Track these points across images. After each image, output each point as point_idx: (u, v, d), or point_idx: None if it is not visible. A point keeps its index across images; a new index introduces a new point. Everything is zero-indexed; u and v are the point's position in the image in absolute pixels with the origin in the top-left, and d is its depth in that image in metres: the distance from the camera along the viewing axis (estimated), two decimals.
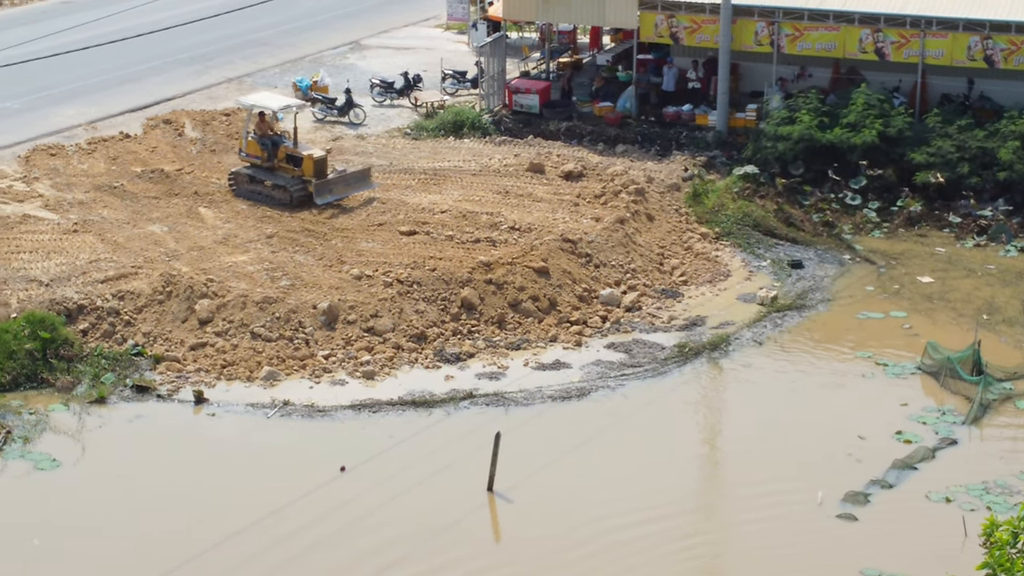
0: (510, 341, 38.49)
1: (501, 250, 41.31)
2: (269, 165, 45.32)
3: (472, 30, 60.58)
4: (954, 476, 32.37)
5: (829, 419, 34.97)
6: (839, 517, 30.98)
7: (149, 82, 55.37)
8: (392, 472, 32.46)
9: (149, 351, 37.23)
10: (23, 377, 36.00)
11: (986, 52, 47.56)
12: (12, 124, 50.61)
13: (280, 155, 45.28)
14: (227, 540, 30.03)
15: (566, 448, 33.64)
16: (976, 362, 36.32)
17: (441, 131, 51.44)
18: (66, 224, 42.84)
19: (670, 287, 41.72)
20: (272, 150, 45.32)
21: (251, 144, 45.63)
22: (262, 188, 45.20)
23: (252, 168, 45.57)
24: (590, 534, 30.44)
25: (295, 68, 57.73)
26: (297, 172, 44.87)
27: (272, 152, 45.33)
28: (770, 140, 47.28)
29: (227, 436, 34.32)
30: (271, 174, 45.22)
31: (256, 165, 45.51)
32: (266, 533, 30.27)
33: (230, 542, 29.99)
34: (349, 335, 37.98)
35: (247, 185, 45.41)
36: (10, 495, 31.85)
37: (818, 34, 49.30)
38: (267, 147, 45.32)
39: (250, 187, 45.34)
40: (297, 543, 30.01)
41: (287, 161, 45.23)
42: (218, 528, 30.37)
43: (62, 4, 67.36)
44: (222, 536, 30.12)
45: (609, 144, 50.44)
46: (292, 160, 45.18)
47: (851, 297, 41.36)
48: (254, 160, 45.57)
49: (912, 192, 46.10)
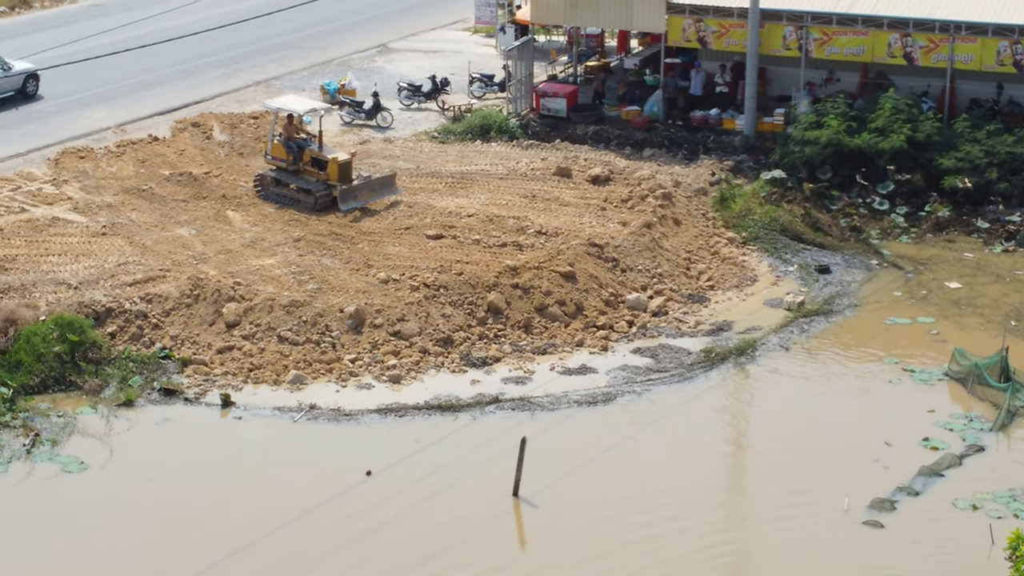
0: (536, 345, 38.52)
1: (528, 254, 41.35)
2: (294, 168, 45.41)
3: (500, 33, 60.68)
4: (981, 483, 32.27)
5: (856, 425, 34.90)
6: (865, 524, 30.91)
7: (177, 85, 55.58)
8: (418, 477, 32.52)
9: (176, 354, 37.39)
10: (52, 380, 36.20)
11: (1015, 57, 47.38)
12: (42, 127, 50.90)
13: (305, 158, 45.38)
14: (253, 544, 30.13)
15: (592, 453, 33.64)
16: (1004, 368, 36.20)
17: (468, 135, 51.52)
18: (95, 227, 43.04)
19: (697, 292, 41.68)
20: (297, 153, 45.43)
21: (276, 147, 45.75)
22: (287, 191, 45.34)
23: (277, 171, 45.71)
24: (615, 539, 30.45)
25: (323, 71, 57.89)
26: (322, 176, 44.96)
27: (297, 155, 45.43)
28: (798, 144, 47.20)
29: (254, 440, 34.44)
30: (296, 177, 45.33)
31: (281, 168, 45.64)
32: (292, 537, 30.36)
33: (256, 545, 30.09)
34: (376, 339, 38.07)
35: (272, 188, 45.54)
36: (39, 497, 32.00)
37: (846, 38, 49.18)
38: (292, 150, 45.43)
39: (275, 190, 45.47)
40: (322, 547, 30.10)
41: (312, 164, 45.33)
42: (244, 532, 30.47)
43: (92, 7, 67.68)
44: (249, 540, 30.22)
45: (636, 148, 50.43)
46: (317, 163, 45.25)
47: (878, 302, 41.26)
48: (279, 163, 45.68)
49: (940, 197, 45.97)
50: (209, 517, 31.19)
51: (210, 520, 31.08)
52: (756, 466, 33.94)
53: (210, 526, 30.87)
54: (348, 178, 45.00)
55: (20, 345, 36.43)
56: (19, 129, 50.62)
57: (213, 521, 31.04)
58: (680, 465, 33.30)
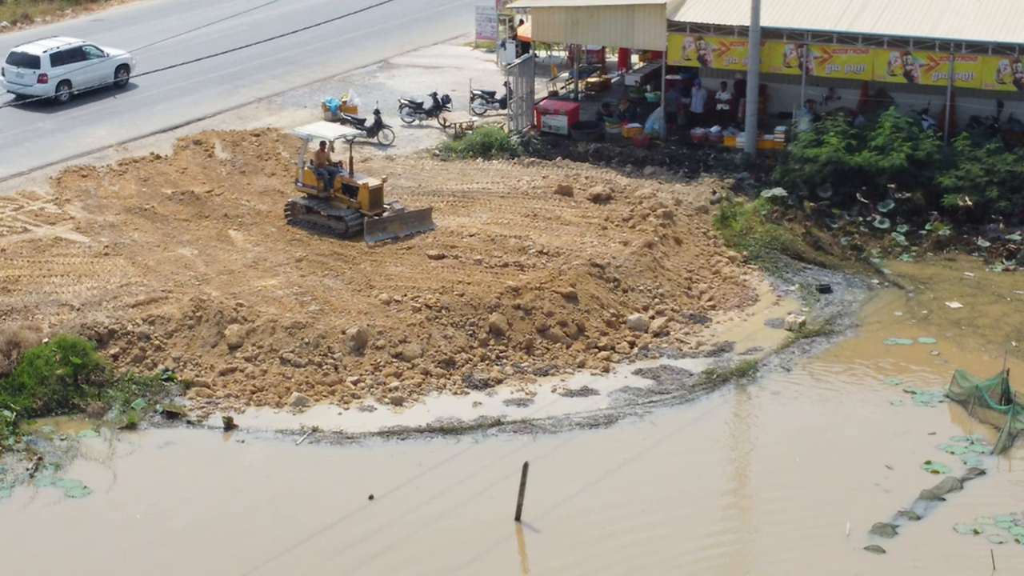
0: (538, 367, 38.60)
1: (529, 275, 41.43)
2: (325, 195, 44.83)
3: (501, 49, 60.75)
4: (982, 508, 32.32)
5: (857, 448, 34.97)
6: (867, 549, 30.96)
7: (179, 102, 55.66)
8: (420, 501, 32.59)
9: (179, 376, 37.46)
10: (54, 403, 36.28)
11: (1015, 75, 47.48)
12: (44, 145, 50.99)
13: (336, 185, 44.80)
14: (256, 569, 30.20)
15: (594, 476, 33.71)
16: (1005, 391, 36.25)
17: (470, 152, 51.59)
18: (97, 247, 43.13)
19: (698, 312, 41.76)
20: (328, 180, 44.83)
21: (307, 174, 45.07)
22: (318, 218, 44.77)
23: (308, 198, 45.10)
24: (617, 563, 30.50)
25: (324, 87, 57.94)
26: (354, 204, 44.38)
27: (328, 182, 44.84)
28: (798, 162, 47.29)
29: (256, 463, 34.51)
30: (327, 204, 44.76)
31: (312, 195, 45.08)
32: (296, 563, 30.43)
33: (259, 572, 30.15)
34: (378, 360, 38.15)
35: (303, 215, 45.00)
36: (42, 523, 32.06)
37: (847, 56, 49.30)
38: (324, 177, 44.86)
39: (306, 217, 44.92)
40: (324, 571, 30.15)
41: (343, 191, 44.78)
42: (247, 558, 30.55)
43: (93, 21, 67.77)
44: (252, 566, 30.29)
45: (637, 165, 50.51)
46: (348, 190, 44.72)
47: (879, 322, 41.32)
48: (310, 190, 45.06)
49: (940, 216, 46.05)
50: (212, 543, 31.24)
51: (213, 546, 31.13)
52: (757, 489, 34.00)
53: (213, 552, 30.92)
54: (380, 204, 44.38)
55: (23, 368, 36.55)
56: (21, 147, 50.70)
57: (216, 547, 31.09)
58: (682, 488, 33.35)
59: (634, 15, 51.21)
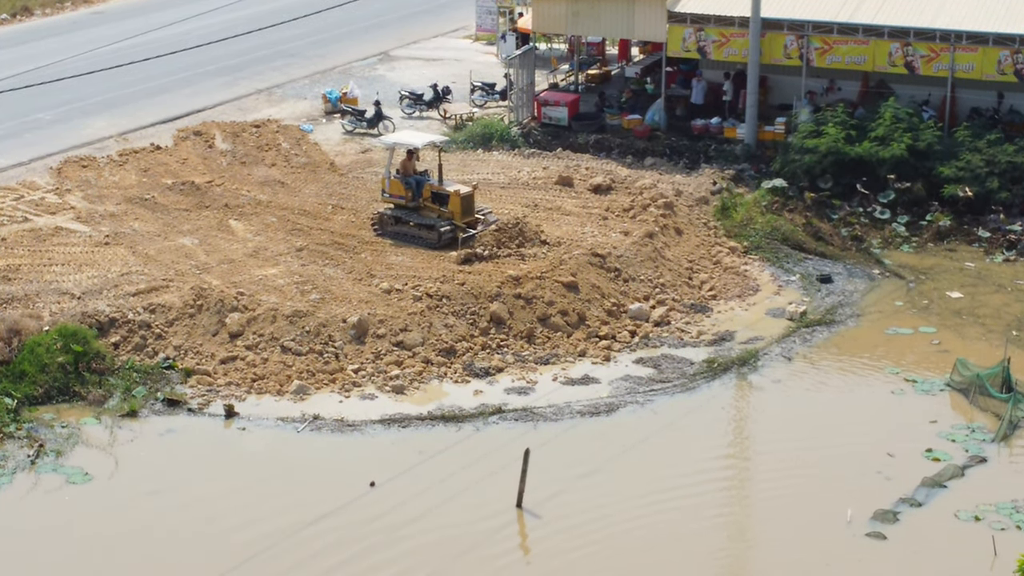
0: (539, 356, 38.59)
1: (530, 264, 41.42)
2: (414, 205, 43.95)
3: (501, 41, 60.78)
4: (983, 495, 32.29)
5: (858, 436, 34.94)
6: (868, 536, 30.95)
7: (179, 93, 55.71)
8: (421, 488, 32.57)
9: (180, 364, 37.46)
10: (55, 390, 36.26)
11: (1016, 66, 47.51)
12: (44, 136, 51.04)
13: (425, 193, 43.86)
14: (256, 556, 30.17)
15: (595, 464, 33.71)
16: (1006, 379, 36.25)
17: (470, 144, 51.62)
18: (98, 236, 43.13)
19: (699, 302, 41.76)
20: (416, 189, 43.97)
21: (394, 184, 43.92)
22: (407, 228, 43.81)
23: (396, 208, 44.13)
24: (618, 550, 30.50)
25: (324, 79, 57.98)
26: (445, 212, 43.49)
27: (417, 191, 43.88)
28: (798, 153, 47.31)
29: (257, 451, 34.50)
30: (415, 214, 43.80)
31: (400, 205, 44.14)
32: (295, 548, 30.40)
33: (259, 558, 30.13)
34: (379, 349, 38.15)
35: (391, 227, 43.99)
36: (43, 509, 32.06)
37: (847, 47, 49.30)
38: (412, 186, 43.97)
39: (394, 228, 43.93)
40: (326, 559, 30.14)
41: (432, 200, 43.85)
42: (248, 545, 30.51)
43: (93, 15, 67.76)
44: (251, 552, 30.26)
45: (638, 157, 50.55)
46: (438, 198, 43.80)
47: (880, 312, 41.33)
48: (398, 200, 44.02)
49: (941, 206, 46.08)
50: (213, 530, 31.21)
51: (214, 533, 31.10)
52: (758, 477, 33.97)
53: (214, 539, 30.89)
54: (471, 212, 43.45)
55: (24, 356, 36.54)
56: (21, 138, 50.70)
57: (217, 534, 31.06)
58: (683, 476, 33.32)
59: (634, 6, 51.24)
